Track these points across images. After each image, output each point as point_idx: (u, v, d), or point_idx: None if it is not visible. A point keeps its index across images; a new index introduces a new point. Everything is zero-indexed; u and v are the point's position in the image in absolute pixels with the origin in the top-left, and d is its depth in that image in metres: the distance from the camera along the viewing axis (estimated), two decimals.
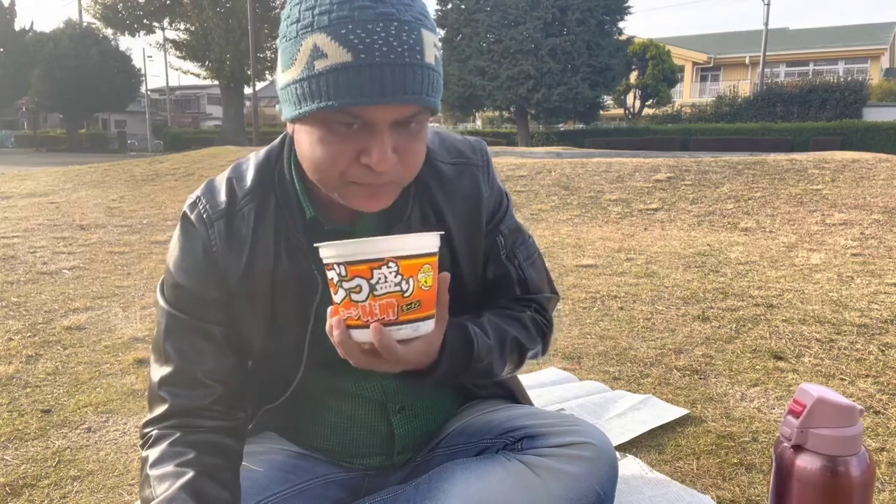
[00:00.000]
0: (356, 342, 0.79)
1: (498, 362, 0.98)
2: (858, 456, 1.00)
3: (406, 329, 0.77)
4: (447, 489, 0.92)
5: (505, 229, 1.05)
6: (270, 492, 0.96)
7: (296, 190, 0.93)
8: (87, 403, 2.00)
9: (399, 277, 0.74)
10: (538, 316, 1.06)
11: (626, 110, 28.85)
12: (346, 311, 0.77)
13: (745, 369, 2.23)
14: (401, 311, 0.76)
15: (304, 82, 0.77)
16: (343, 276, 0.75)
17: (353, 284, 0.75)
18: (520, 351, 1.02)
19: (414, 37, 0.76)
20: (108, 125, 46.49)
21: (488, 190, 1.02)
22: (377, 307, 0.75)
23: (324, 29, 0.75)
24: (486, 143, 1.08)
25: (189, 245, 0.95)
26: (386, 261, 0.74)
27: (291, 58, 0.79)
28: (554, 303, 1.12)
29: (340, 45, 0.74)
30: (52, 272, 3.86)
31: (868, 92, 23.00)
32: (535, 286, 1.08)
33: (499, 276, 1.05)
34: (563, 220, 5.94)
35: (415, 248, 0.76)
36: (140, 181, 9.53)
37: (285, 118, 0.85)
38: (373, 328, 0.75)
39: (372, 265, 0.74)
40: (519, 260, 1.06)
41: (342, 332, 0.78)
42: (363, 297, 0.75)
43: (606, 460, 0.95)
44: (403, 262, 0.75)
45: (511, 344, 0.99)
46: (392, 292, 0.75)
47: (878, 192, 6.00)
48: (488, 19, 20.48)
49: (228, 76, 28.29)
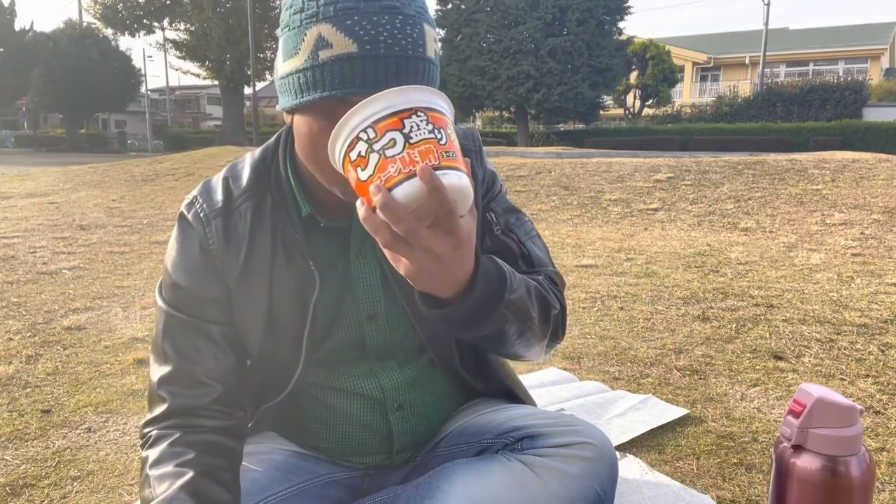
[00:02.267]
0: (401, 203, 0.68)
1: (529, 302, 0.90)
2: (858, 456, 1.00)
3: (451, 175, 0.69)
4: (447, 489, 0.91)
5: (497, 207, 1.05)
6: (270, 492, 0.96)
7: (291, 187, 0.94)
8: (87, 403, 2.00)
9: (431, 125, 0.70)
10: (550, 284, 1.01)
11: (626, 110, 28.86)
12: (381, 175, 0.69)
13: (745, 369, 2.23)
14: (441, 157, 0.69)
15: (308, 72, 0.78)
16: (373, 138, 0.70)
17: (386, 140, 0.69)
18: (544, 303, 0.95)
19: (417, 30, 0.77)
20: (108, 125, 46.50)
21: (481, 172, 1.03)
22: (416, 154, 0.68)
23: (329, 19, 0.76)
24: (477, 131, 1.09)
25: (186, 244, 0.95)
26: (415, 110, 0.70)
27: (295, 47, 0.79)
28: (561, 281, 1.07)
29: (346, 36, 0.75)
30: (52, 272, 3.86)
31: (868, 92, 23.01)
32: (538, 260, 1.04)
33: (498, 251, 1.02)
34: (563, 220, 5.94)
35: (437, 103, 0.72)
36: (140, 181, 9.53)
37: (284, 108, 0.85)
38: (420, 169, 0.66)
39: (402, 115, 0.69)
40: (517, 235, 1.04)
41: (384, 193, 0.67)
42: (399, 148, 0.69)
43: (606, 460, 0.95)
44: (431, 114, 0.71)
45: (536, 293, 0.93)
46: (427, 139, 0.69)
47: (878, 192, 6.00)
48: (488, 19, 20.48)
49: (228, 76, 28.29)
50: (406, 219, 0.67)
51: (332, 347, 1.00)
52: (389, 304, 1.00)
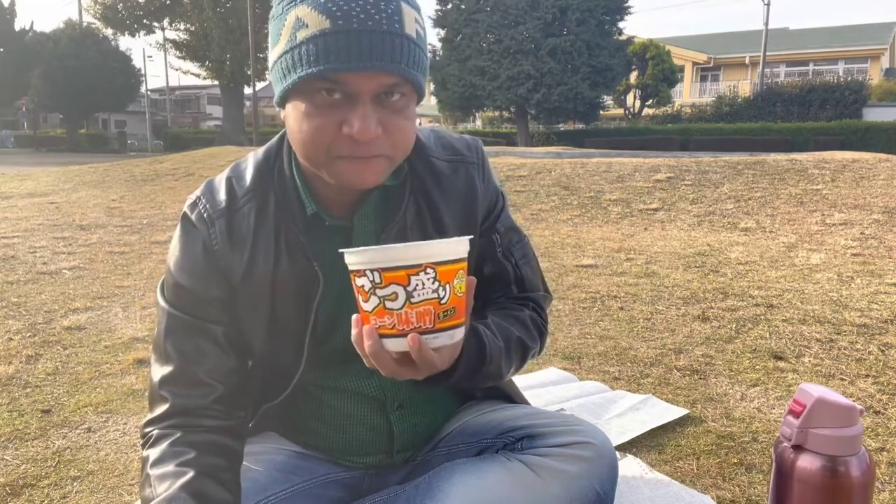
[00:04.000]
0: (389, 352, 0.75)
1: (505, 364, 0.98)
2: (858, 456, 1.00)
3: (442, 337, 0.73)
4: (447, 489, 0.92)
5: (501, 227, 1.06)
6: (271, 491, 0.96)
7: (296, 185, 0.94)
8: (87, 403, 2.00)
9: (437, 284, 0.71)
10: (536, 315, 1.07)
11: (626, 110, 28.85)
12: (378, 320, 0.73)
13: (745, 369, 2.23)
14: (437, 318, 0.72)
15: (288, 54, 0.80)
16: (377, 282, 0.71)
17: (389, 292, 0.71)
18: (522, 351, 1.02)
19: (393, 6, 0.79)
20: (108, 125, 46.49)
21: (484, 188, 1.03)
22: (413, 315, 0.71)
23: (306, 1, 0.78)
24: (482, 143, 1.08)
25: (190, 245, 0.95)
26: (424, 266, 0.70)
27: (277, 33, 0.82)
28: (548, 302, 1.13)
29: (320, 14, 0.77)
30: (52, 272, 3.86)
31: (868, 92, 23.00)
32: (530, 284, 1.08)
33: (495, 273, 1.05)
34: (563, 220, 5.94)
35: (451, 254, 0.73)
36: (140, 181, 9.52)
37: (275, 101, 0.86)
38: (411, 339, 0.72)
39: (410, 271, 0.70)
40: (515, 258, 1.07)
41: (375, 341, 0.74)
42: (399, 304, 0.71)
43: (606, 460, 0.95)
44: (441, 269, 0.71)
45: (515, 344, 0.99)
46: (430, 299, 0.71)
47: (878, 192, 6.00)
48: (488, 19, 20.47)
49: (228, 76, 28.30)
50: (389, 365, 0.77)
51: (334, 347, 1.00)
52: None
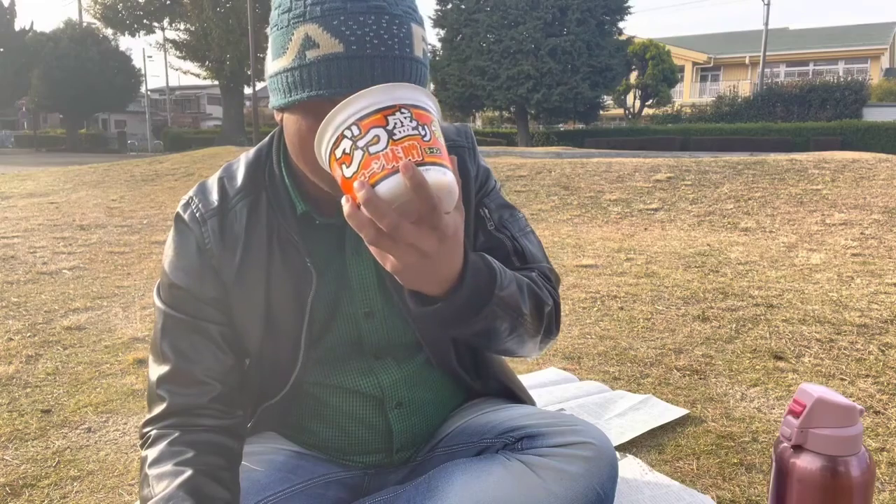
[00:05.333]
0: (385, 200, 0.68)
1: (520, 298, 0.89)
2: (858, 456, 1.00)
3: (434, 171, 0.69)
4: (447, 489, 0.91)
5: (491, 203, 1.04)
6: (270, 491, 0.96)
7: (286, 186, 0.94)
8: (87, 403, 2.00)
9: (415, 122, 0.70)
10: (543, 279, 1.01)
11: (626, 110, 28.85)
12: (366, 171, 0.69)
13: (745, 369, 2.23)
14: (424, 153, 0.69)
15: (296, 71, 0.79)
16: (357, 135, 0.70)
17: (370, 137, 0.69)
18: (536, 300, 0.94)
19: (404, 30, 0.78)
20: (108, 125, 46.49)
21: (474, 168, 1.03)
22: (400, 150, 0.69)
23: (316, 19, 0.76)
24: (470, 128, 1.09)
25: (183, 244, 0.96)
26: (398, 107, 0.70)
27: (283, 47, 0.80)
28: (556, 278, 1.06)
29: (332, 36, 0.76)
30: (52, 272, 3.86)
31: (868, 92, 23.00)
32: (532, 256, 1.04)
33: (491, 247, 1.02)
34: (563, 220, 5.94)
35: (422, 100, 0.72)
36: (140, 181, 9.53)
37: (273, 106, 0.86)
38: (403, 165, 0.66)
39: (386, 112, 0.70)
40: (511, 231, 1.04)
41: (367, 189, 0.67)
42: (383, 145, 0.69)
43: (606, 460, 0.95)
44: (416, 111, 0.71)
45: (528, 289, 0.93)
46: (411, 135, 0.70)
47: (878, 192, 6.00)
48: (488, 19, 20.48)
49: (228, 76, 28.31)
50: (389, 214, 0.67)
51: (330, 345, 1.00)
52: (386, 302, 1.00)
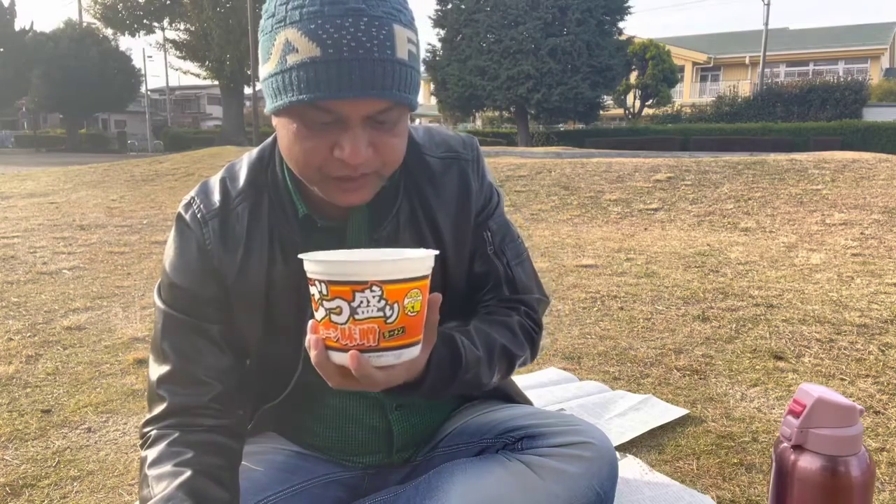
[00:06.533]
0: (334, 364, 0.74)
1: (486, 373, 0.96)
2: (858, 456, 1.00)
3: (387, 356, 0.72)
4: (447, 489, 0.91)
5: (493, 225, 1.04)
6: (270, 491, 0.96)
7: (288, 188, 0.94)
8: (87, 403, 2.00)
9: (383, 303, 0.69)
10: (527, 320, 1.04)
11: (626, 110, 28.84)
12: (325, 331, 0.73)
13: (745, 369, 2.23)
14: (382, 337, 0.71)
15: (279, 76, 0.79)
16: (324, 294, 0.71)
17: (334, 305, 0.70)
18: (508, 359, 1.00)
19: (385, 32, 0.77)
20: (108, 125, 46.51)
21: (478, 184, 1.02)
22: (357, 332, 0.70)
23: (295, 24, 0.77)
24: (477, 140, 1.08)
25: (184, 245, 0.95)
26: (370, 284, 0.69)
27: (268, 52, 0.81)
28: (544, 306, 1.10)
29: (310, 40, 0.76)
30: (52, 272, 3.86)
31: (868, 92, 22.99)
32: (523, 286, 1.06)
33: (486, 272, 1.03)
34: (563, 220, 5.94)
35: (402, 273, 0.71)
36: (140, 181, 9.52)
37: (266, 111, 0.87)
38: (350, 356, 0.71)
39: (354, 287, 0.69)
40: (507, 258, 1.05)
41: (320, 352, 0.74)
42: (343, 319, 0.70)
43: (606, 460, 0.95)
44: (389, 287, 0.70)
45: (499, 353, 0.97)
46: (374, 317, 0.70)
47: (878, 192, 6.00)
48: (488, 19, 20.47)
49: (228, 76, 28.30)
50: (334, 377, 0.76)
51: None
52: None
